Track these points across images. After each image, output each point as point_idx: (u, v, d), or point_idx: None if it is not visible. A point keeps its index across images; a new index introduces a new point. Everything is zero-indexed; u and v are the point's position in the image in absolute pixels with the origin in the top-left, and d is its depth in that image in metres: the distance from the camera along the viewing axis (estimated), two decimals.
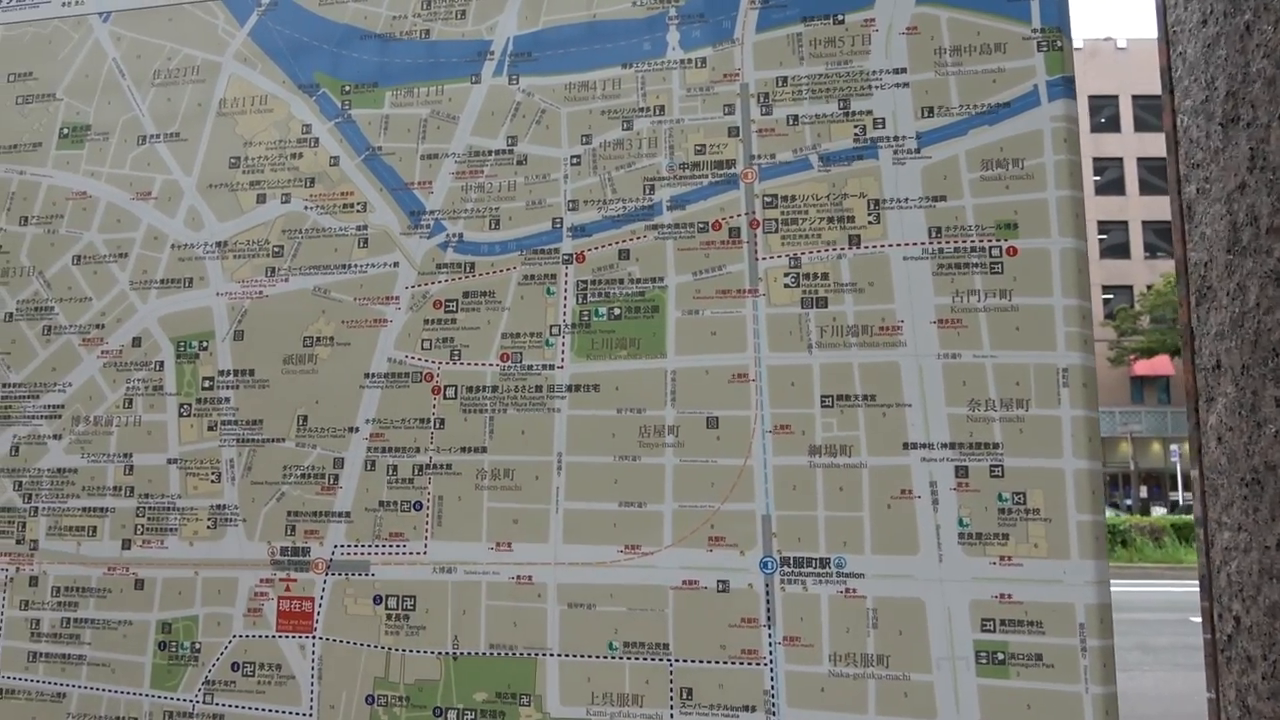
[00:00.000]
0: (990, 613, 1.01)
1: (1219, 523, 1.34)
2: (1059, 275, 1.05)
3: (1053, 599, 1.00)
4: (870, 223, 1.11)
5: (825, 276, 1.11)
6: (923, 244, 1.09)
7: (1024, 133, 1.08)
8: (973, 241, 1.08)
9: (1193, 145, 1.40)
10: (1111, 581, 1.03)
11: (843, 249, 1.11)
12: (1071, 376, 1.03)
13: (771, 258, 1.13)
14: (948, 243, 1.08)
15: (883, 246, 1.10)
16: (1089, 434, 1.02)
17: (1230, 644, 1.31)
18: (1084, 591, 1.00)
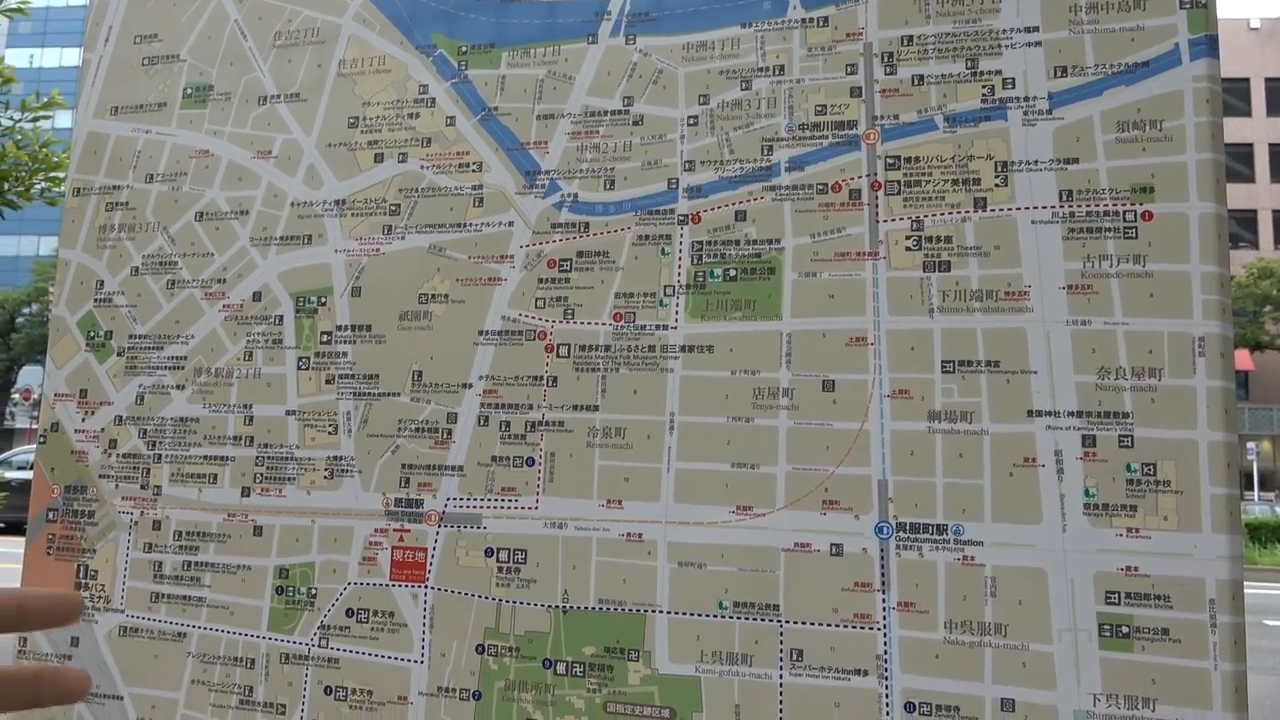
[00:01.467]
0: (1115, 585, 0.99)
1: None
2: (1197, 241, 1.02)
3: (1182, 573, 0.98)
4: (997, 185, 1.08)
5: (949, 240, 1.09)
6: (1053, 207, 1.06)
7: (1163, 93, 1.05)
8: (1106, 205, 1.05)
9: None
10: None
11: (968, 212, 1.09)
12: (1208, 345, 1.00)
13: (893, 220, 1.11)
14: (1079, 206, 1.06)
15: (1010, 210, 1.08)
16: (1225, 405, 0.99)
17: None
18: (1215, 566, 0.97)
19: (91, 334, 1.41)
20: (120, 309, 1.41)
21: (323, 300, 1.31)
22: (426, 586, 1.20)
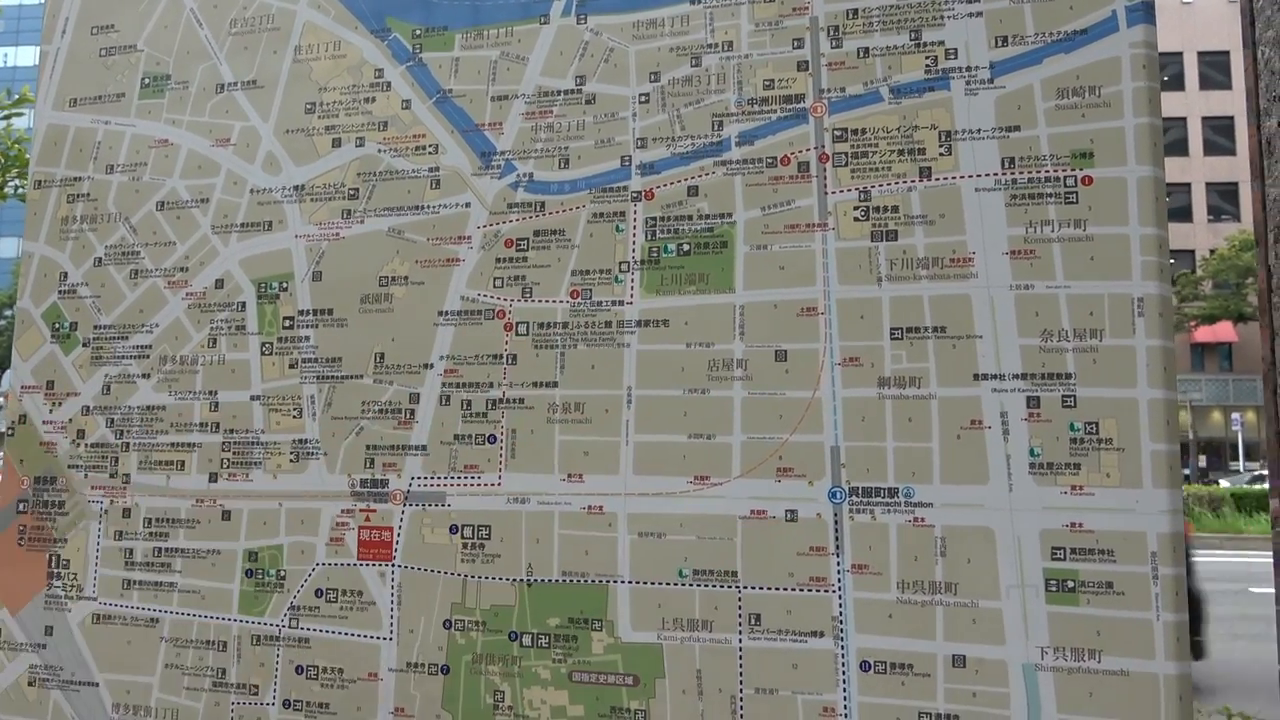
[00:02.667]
0: (1061, 541, 1.02)
1: None
2: (1135, 204, 1.04)
3: (1125, 527, 1.00)
4: (942, 155, 1.10)
5: (895, 209, 1.11)
6: (995, 175, 1.08)
7: (1101, 60, 1.07)
8: (1047, 171, 1.07)
9: (1274, 77, 1.37)
10: None
11: (913, 181, 1.11)
12: (1147, 306, 1.03)
13: (841, 191, 1.13)
14: (1021, 173, 1.08)
15: (954, 178, 1.10)
16: (1164, 363, 1.02)
17: None
18: (1157, 520, 1.00)
19: (57, 325, 1.42)
20: (85, 300, 1.41)
21: (284, 286, 1.32)
22: (394, 565, 1.22)
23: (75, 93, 1.48)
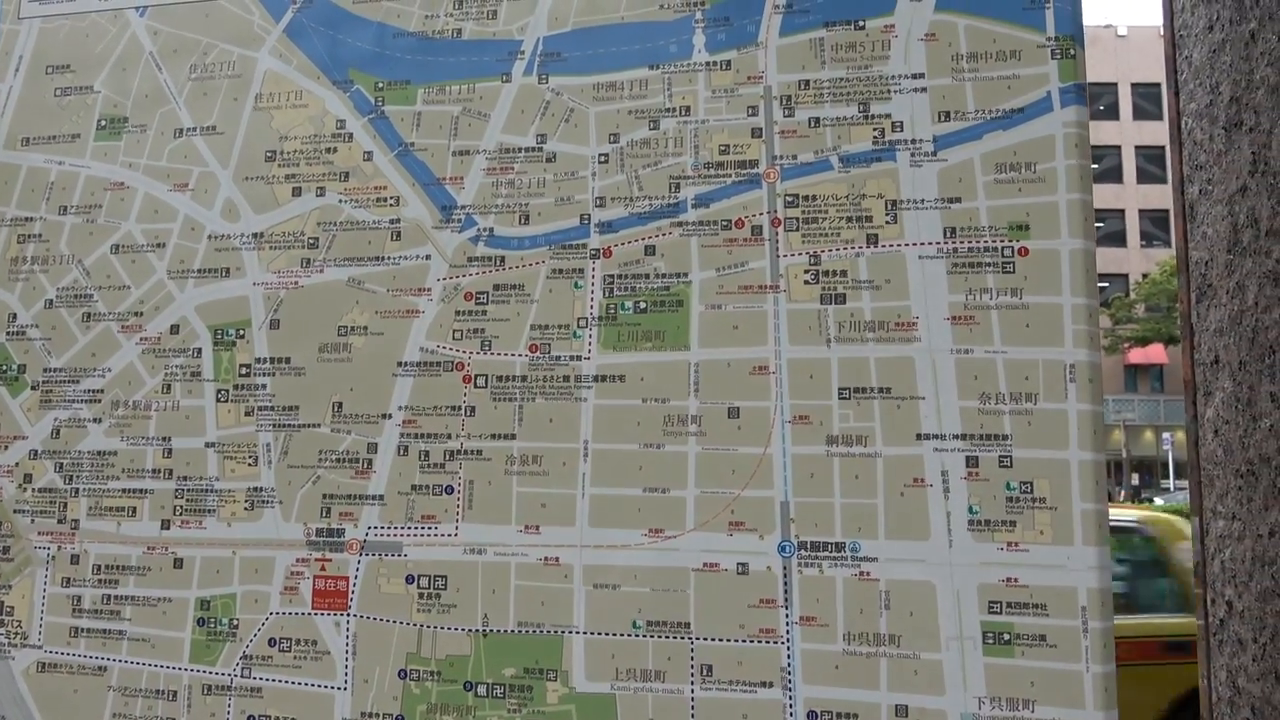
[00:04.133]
0: (997, 595, 1.07)
1: (1214, 512, 1.39)
2: (1068, 275, 1.10)
3: (1057, 583, 1.06)
4: (888, 222, 1.15)
5: (844, 274, 1.16)
6: (938, 244, 1.14)
7: (1037, 138, 1.13)
8: (986, 242, 1.13)
9: (1196, 147, 1.45)
10: None
11: (861, 247, 1.16)
12: (1078, 372, 1.09)
13: (792, 255, 1.17)
14: (962, 243, 1.13)
15: (899, 245, 1.15)
16: (1094, 427, 1.08)
17: (1222, 628, 1.37)
18: (1086, 576, 1.05)
19: (4, 368, 1.40)
20: (34, 342, 1.40)
21: (241, 333, 1.33)
22: (349, 614, 1.23)
23: (28, 131, 1.47)
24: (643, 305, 1.21)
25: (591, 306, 1.22)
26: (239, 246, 1.35)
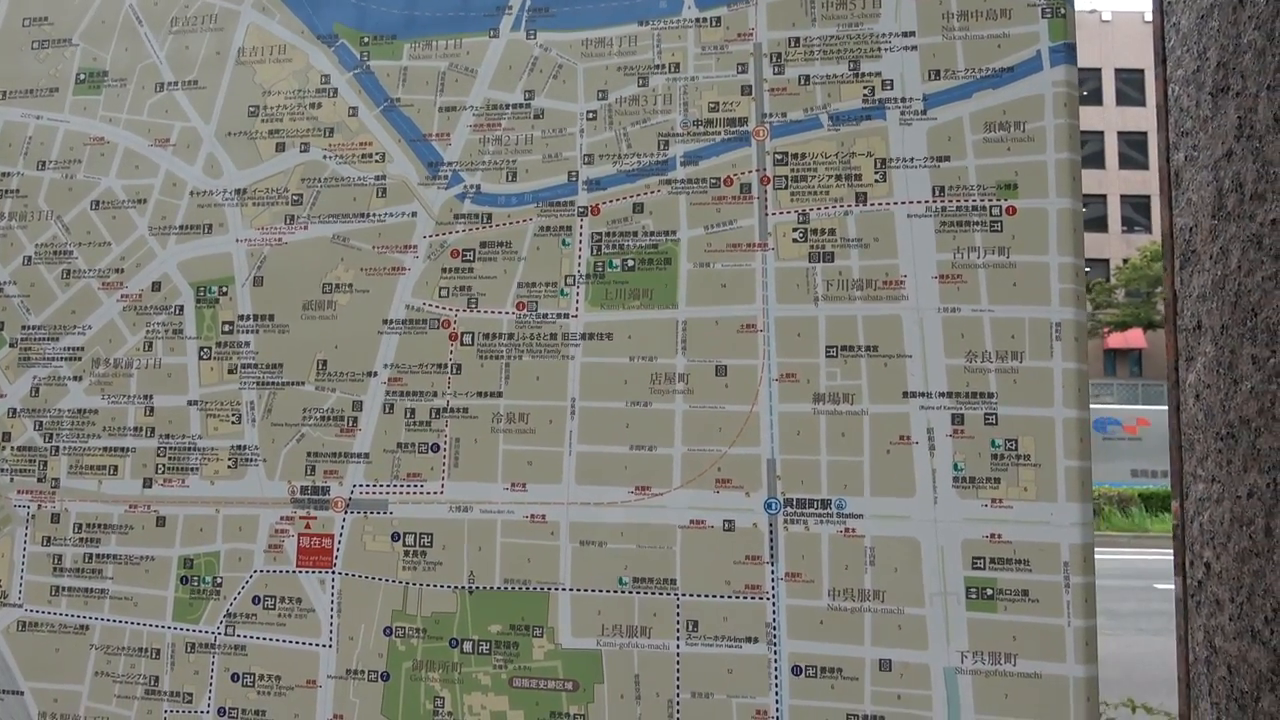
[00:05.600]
0: (981, 551, 1.08)
1: (1194, 475, 1.41)
2: (1055, 234, 1.10)
3: (1039, 539, 1.07)
4: (877, 181, 1.15)
5: (832, 232, 1.16)
6: (926, 202, 1.14)
7: (1026, 97, 1.13)
8: (974, 201, 1.13)
9: (1183, 114, 1.46)
10: None
11: (850, 206, 1.16)
12: (1064, 330, 1.09)
13: (781, 213, 1.17)
14: (950, 201, 1.13)
15: (888, 204, 1.15)
16: (1079, 385, 1.08)
17: (1200, 589, 1.39)
18: (1069, 532, 1.06)
19: None
20: (12, 299, 1.38)
21: (224, 290, 1.31)
22: (334, 572, 1.22)
23: (4, 85, 1.44)
24: (630, 263, 1.20)
25: (579, 264, 1.21)
26: (221, 203, 1.33)
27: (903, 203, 1.14)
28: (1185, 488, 1.43)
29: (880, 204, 1.15)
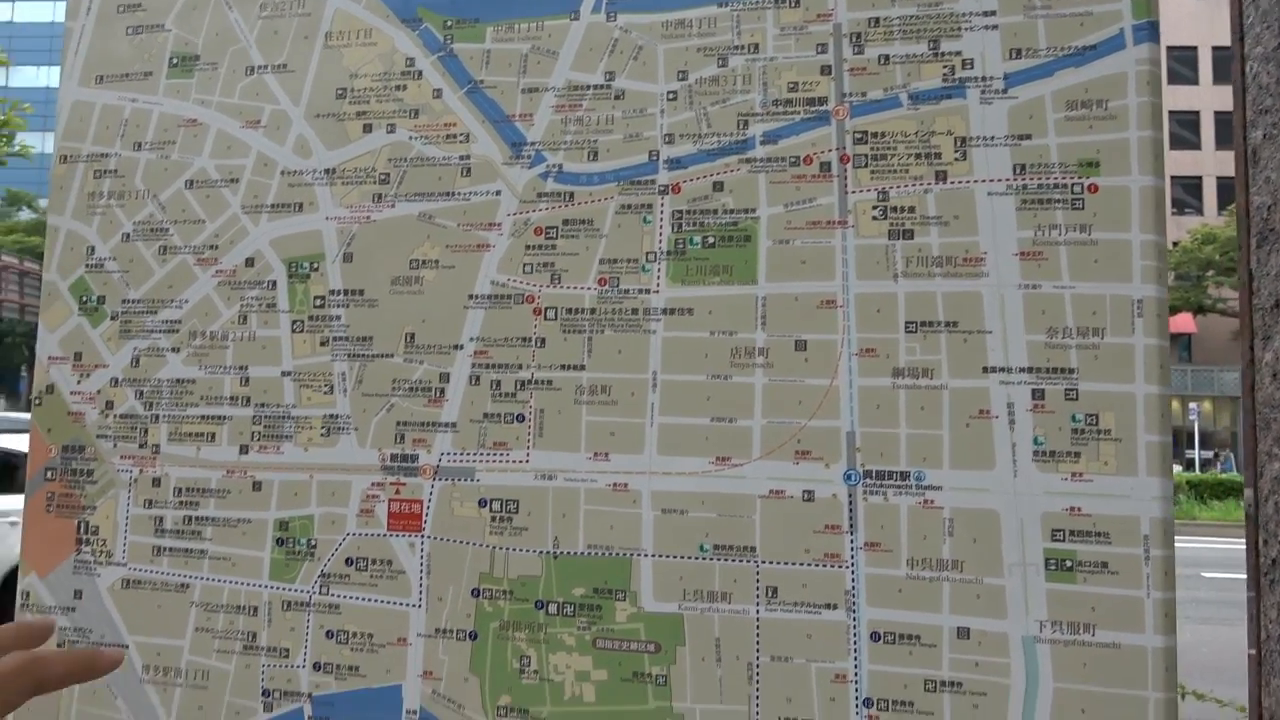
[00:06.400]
0: (1060, 524, 1.10)
1: (1269, 455, 1.41)
2: (1137, 212, 1.11)
3: (1120, 512, 1.08)
4: (957, 159, 1.17)
5: (912, 210, 1.17)
6: (1007, 180, 1.15)
7: (1109, 75, 1.13)
8: (1055, 179, 1.14)
9: (1261, 91, 1.45)
10: None
11: (930, 184, 1.17)
12: (1145, 307, 1.10)
13: (861, 191, 1.19)
14: (1031, 179, 1.14)
15: (968, 182, 1.16)
16: (1160, 361, 1.09)
17: (1275, 567, 1.40)
18: (1149, 506, 1.08)
19: (84, 298, 1.45)
20: (112, 274, 1.44)
21: (315, 266, 1.36)
22: (423, 536, 1.27)
23: (101, 70, 1.50)
24: (711, 240, 1.23)
25: (660, 241, 1.24)
26: (311, 182, 1.38)
27: (983, 180, 1.16)
28: (1260, 467, 1.43)
29: (960, 182, 1.16)
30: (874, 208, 1.18)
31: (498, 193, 1.31)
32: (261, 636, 1.31)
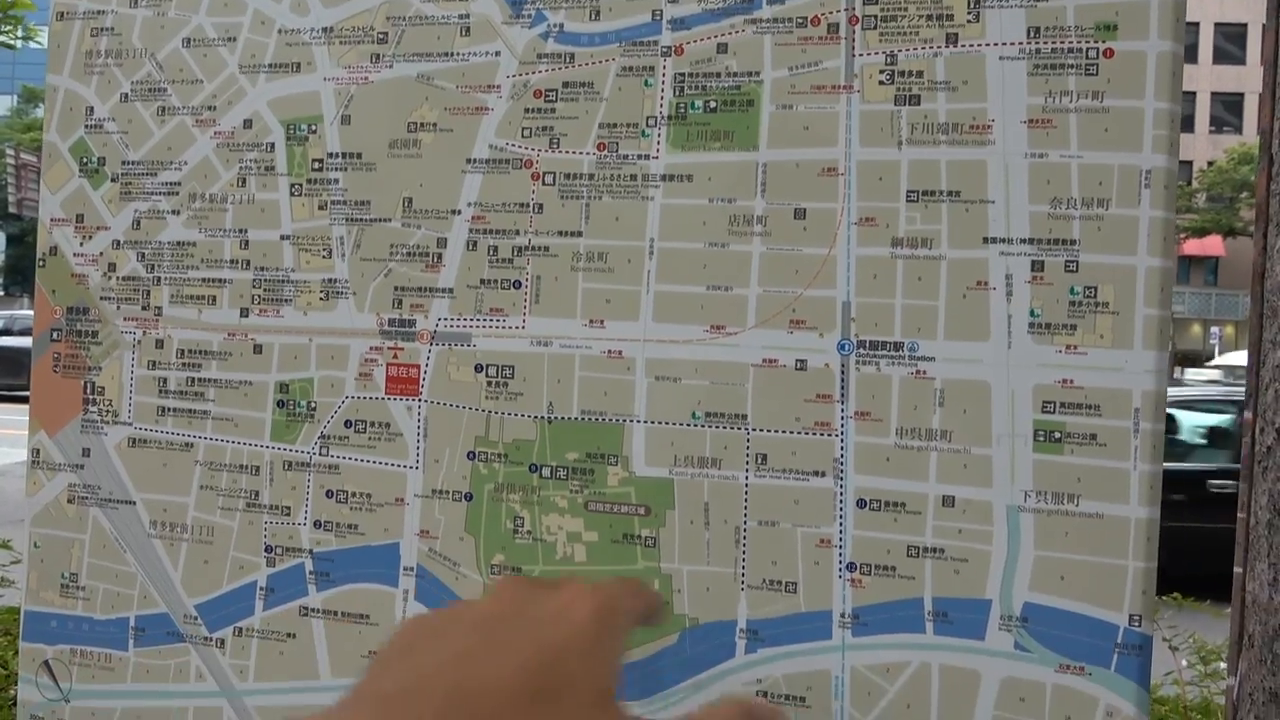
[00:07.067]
0: (1052, 396, 1.09)
1: (1273, 343, 1.40)
2: (1153, 78, 1.07)
3: (1113, 385, 1.08)
4: (969, 21, 1.12)
5: (920, 74, 1.14)
6: (1020, 44, 1.11)
7: None
8: (1070, 42, 1.10)
9: None
10: None
11: (940, 47, 1.13)
12: (1154, 178, 1.07)
13: (869, 54, 1.15)
14: (1045, 43, 1.10)
15: (980, 45, 1.12)
16: (1164, 234, 1.07)
17: (1269, 455, 1.40)
18: (1142, 379, 1.07)
19: (84, 160, 1.44)
20: (112, 135, 1.43)
21: (313, 128, 1.34)
22: (420, 399, 1.29)
23: None
24: (713, 105, 1.20)
25: (661, 105, 1.22)
26: (309, 41, 1.35)
27: (995, 44, 1.12)
28: (1263, 355, 1.42)
29: (971, 45, 1.12)
30: (881, 72, 1.15)
31: (497, 54, 1.28)
32: (264, 495, 1.34)
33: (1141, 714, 1.07)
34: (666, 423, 1.21)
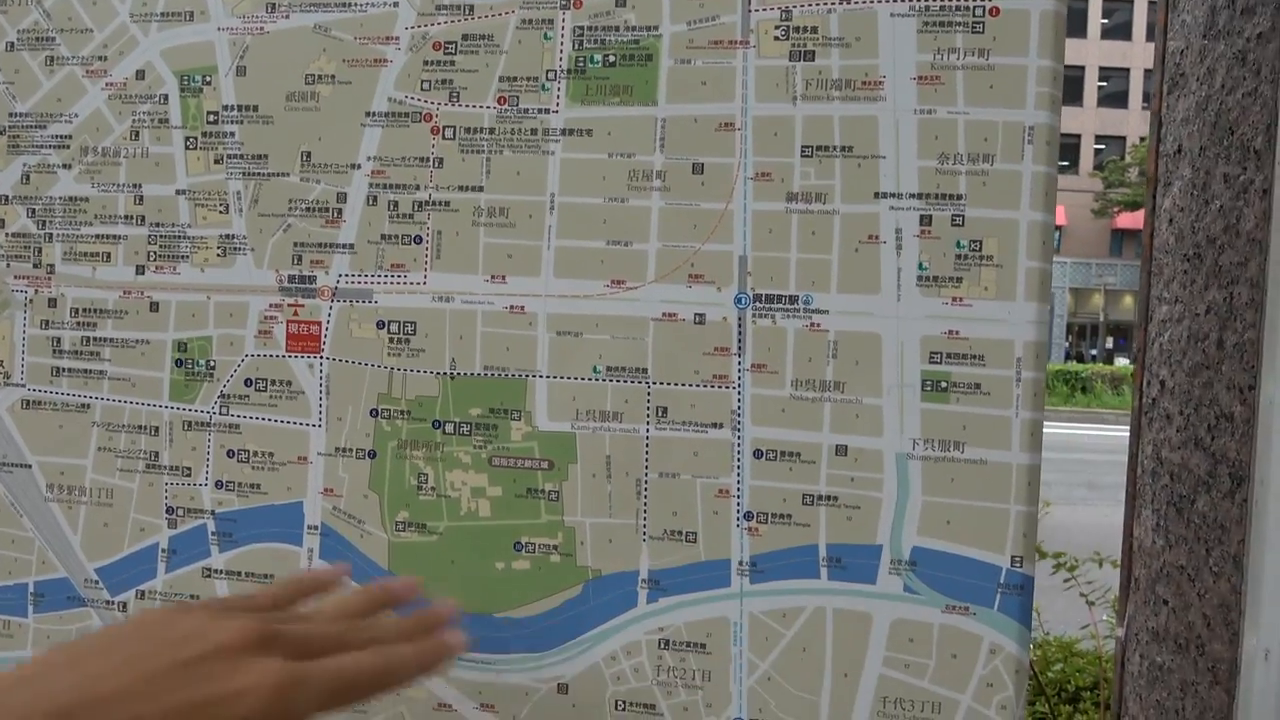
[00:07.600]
0: (938, 347, 1.12)
1: (1159, 298, 1.45)
2: (1036, 36, 1.10)
3: (996, 335, 1.11)
4: None
5: (814, 30, 1.15)
6: (910, 1, 1.13)
7: None
8: (958, 0, 1.12)
9: None
10: (1067, 424, 1.14)
11: (833, 4, 1.15)
12: (1037, 134, 1.10)
13: (764, 10, 1.16)
14: (934, 1, 1.12)
15: (872, 3, 1.14)
16: (1046, 188, 1.10)
17: (1154, 406, 1.45)
18: (1024, 329, 1.11)
19: None
20: None
21: (207, 79, 1.31)
22: (322, 357, 1.27)
23: None
24: (612, 59, 1.20)
25: (560, 59, 1.21)
26: None
27: (886, 1, 1.13)
28: (1150, 311, 1.47)
29: (864, 2, 1.14)
30: (776, 28, 1.16)
31: (395, 4, 1.26)
32: (163, 456, 1.32)
33: (1022, 650, 1.12)
34: (568, 377, 1.21)
